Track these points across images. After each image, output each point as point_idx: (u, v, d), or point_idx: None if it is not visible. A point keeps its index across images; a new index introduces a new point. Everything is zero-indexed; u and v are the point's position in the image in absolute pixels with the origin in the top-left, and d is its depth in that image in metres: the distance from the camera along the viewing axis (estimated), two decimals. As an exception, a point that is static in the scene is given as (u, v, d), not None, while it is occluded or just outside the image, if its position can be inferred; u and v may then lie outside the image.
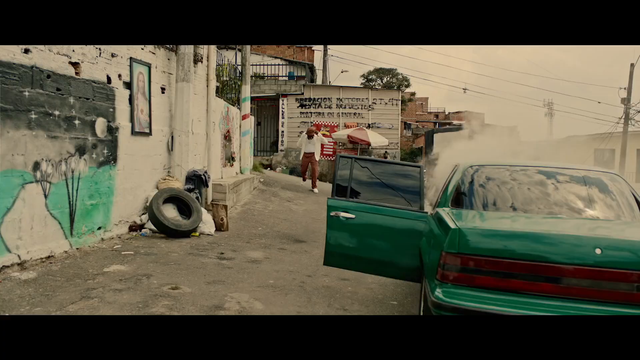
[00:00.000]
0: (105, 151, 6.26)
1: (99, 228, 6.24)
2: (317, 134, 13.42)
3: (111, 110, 6.35)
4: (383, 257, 4.31)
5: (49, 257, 5.32)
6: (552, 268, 2.66)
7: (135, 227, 6.94)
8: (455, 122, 47.61)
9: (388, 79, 46.35)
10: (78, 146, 5.74)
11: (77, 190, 5.78)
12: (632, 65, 19.48)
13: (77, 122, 5.69)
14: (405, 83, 44.70)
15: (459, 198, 3.73)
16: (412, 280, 4.42)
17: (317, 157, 13.12)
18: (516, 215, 3.41)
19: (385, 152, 20.19)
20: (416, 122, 52.51)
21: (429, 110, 63.21)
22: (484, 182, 3.77)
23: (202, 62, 9.08)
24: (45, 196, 5.27)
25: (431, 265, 3.19)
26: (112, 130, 6.37)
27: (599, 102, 18.86)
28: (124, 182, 6.71)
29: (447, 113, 61.85)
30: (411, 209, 4.32)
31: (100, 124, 6.12)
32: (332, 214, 4.44)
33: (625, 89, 19.57)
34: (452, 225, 2.98)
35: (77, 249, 5.76)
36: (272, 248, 6.98)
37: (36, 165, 5.12)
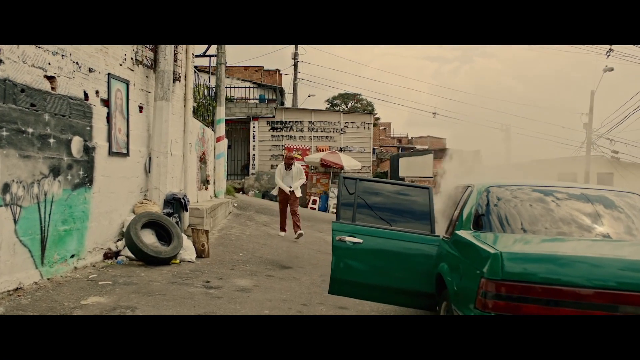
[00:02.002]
0: (81, 172, 5.80)
1: (72, 256, 5.73)
2: (294, 163, 9.06)
3: (88, 128, 5.92)
4: (394, 284, 4.04)
5: (17, 289, 4.80)
6: (608, 295, 2.46)
7: (110, 255, 6.44)
8: (418, 146, 48.44)
9: (353, 103, 46.90)
10: (52, 167, 5.28)
11: (49, 214, 5.29)
12: (593, 92, 20.29)
13: (52, 140, 5.24)
14: (370, 108, 45.31)
15: (480, 220, 3.53)
16: (423, 308, 4.16)
17: (298, 192, 8.86)
18: (553, 237, 3.23)
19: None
20: (380, 146, 53.13)
21: (392, 135, 64.07)
22: (506, 203, 3.58)
23: (179, 81, 8.74)
24: (15, 221, 4.78)
25: (463, 292, 2.94)
26: (88, 150, 5.92)
27: (563, 127, 19.40)
28: (100, 206, 6.23)
29: (409, 138, 62.90)
30: (422, 233, 4.09)
31: (77, 143, 5.68)
32: (338, 238, 4.15)
33: (586, 114, 20.31)
34: (490, 249, 2.75)
35: (48, 279, 5.24)
36: (259, 275, 6.60)
37: (6, 187, 4.64)
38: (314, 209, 18.84)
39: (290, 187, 8.91)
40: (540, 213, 3.47)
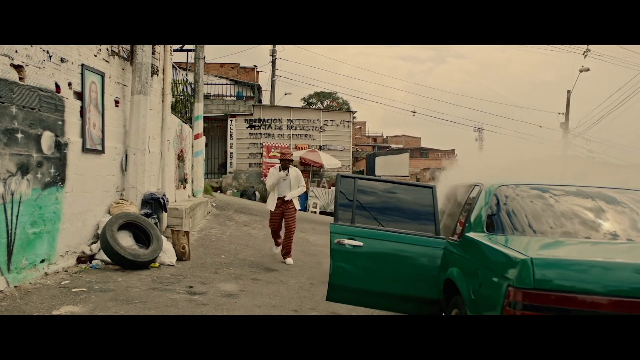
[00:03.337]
0: (52, 170, 5.36)
1: (43, 261, 5.29)
2: (291, 162, 7.38)
3: (60, 123, 5.48)
4: (398, 291, 3.78)
5: (-20, 298, 4.36)
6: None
7: (84, 259, 6.01)
8: (393, 145, 48.57)
9: (328, 102, 46.68)
10: (20, 164, 4.84)
11: (17, 216, 4.85)
12: (569, 91, 20.53)
13: (19, 135, 4.81)
14: (345, 107, 45.19)
15: (492, 222, 3.29)
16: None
17: (297, 204, 7.36)
18: (581, 241, 3.00)
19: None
20: (355, 145, 53.02)
21: (367, 134, 64.21)
22: (520, 203, 3.35)
23: (157, 74, 8.31)
24: (-22, 224, 4.34)
25: (484, 301, 2.70)
26: (60, 147, 5.49)
27: (540, 126, 19.56)
28: (73, 207, 5.80)
29: (385, 137, 63.14)
30: (427, 235, 3.84)
31: (47, 138, 5.25)
32: (336, 241, 3.87)
33: (563, 114, 20.54)
34: (517, 255, 2.50)
35: (15, 287, 4.80)
36: (245, 279, 6.26)
37: (-32, 187, 4.20)
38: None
39: (285, 197, 7.09)
40: (559, 213, 3.24)
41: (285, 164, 7.18)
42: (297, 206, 7.31)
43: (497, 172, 4.50)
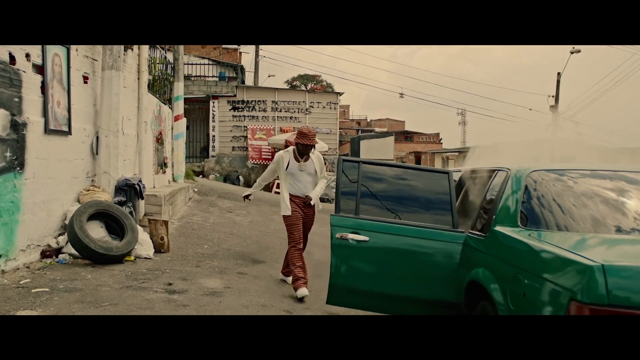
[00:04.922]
0: (8, 154, 4.70)
1: (-1, 257, 4.66)
2: (314, 147, 5.09)
3: (16, 100, 4.80)
4: (409, 292, 3.27)
5: None
6: None
7: (50, 253, 5.38)
8: (377, 129, 48.25)
9: (312, 86, 46.03)
10: (-32, 146, 4.18)
11: (-34, 207, 4.20)
12: (559, 74, 20.18)
13: (-34, 113, 4.14)
14: (329, 90, 44.62)
15: (527, 214, 2.77)
16: (443, 320, 3.41)
17: (319, 204, 5.34)
18: None
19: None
20: (339, 129, 52.58)
21: (350, 118, 63.86)
22: (561, 192, 2.84)
23: (132, 49, 7.59)
24: None
25: (529, 313, 2.19)
26: (17, 127, 4.81)
27: (530, 109, 19.20)
28: (35, 195, 5.14)
29: (368, 120, 62.99)
30: (443, 228, 3.32)
31: (2, 117, 4.57)
32: (338, 235, 3.33)
33: (553, 96, 20.20)
34: (581, 260, 1.98)
35: (-34, 287, 4.18)
36: (230, 273, 5.70)
37: None
38: (279, 193, 17.98)
39: (311, 201, 5.00)
40: (609, 205, 2.73)
41: (307, 149, 5.01)
42: (319, 206, 5.17)
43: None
